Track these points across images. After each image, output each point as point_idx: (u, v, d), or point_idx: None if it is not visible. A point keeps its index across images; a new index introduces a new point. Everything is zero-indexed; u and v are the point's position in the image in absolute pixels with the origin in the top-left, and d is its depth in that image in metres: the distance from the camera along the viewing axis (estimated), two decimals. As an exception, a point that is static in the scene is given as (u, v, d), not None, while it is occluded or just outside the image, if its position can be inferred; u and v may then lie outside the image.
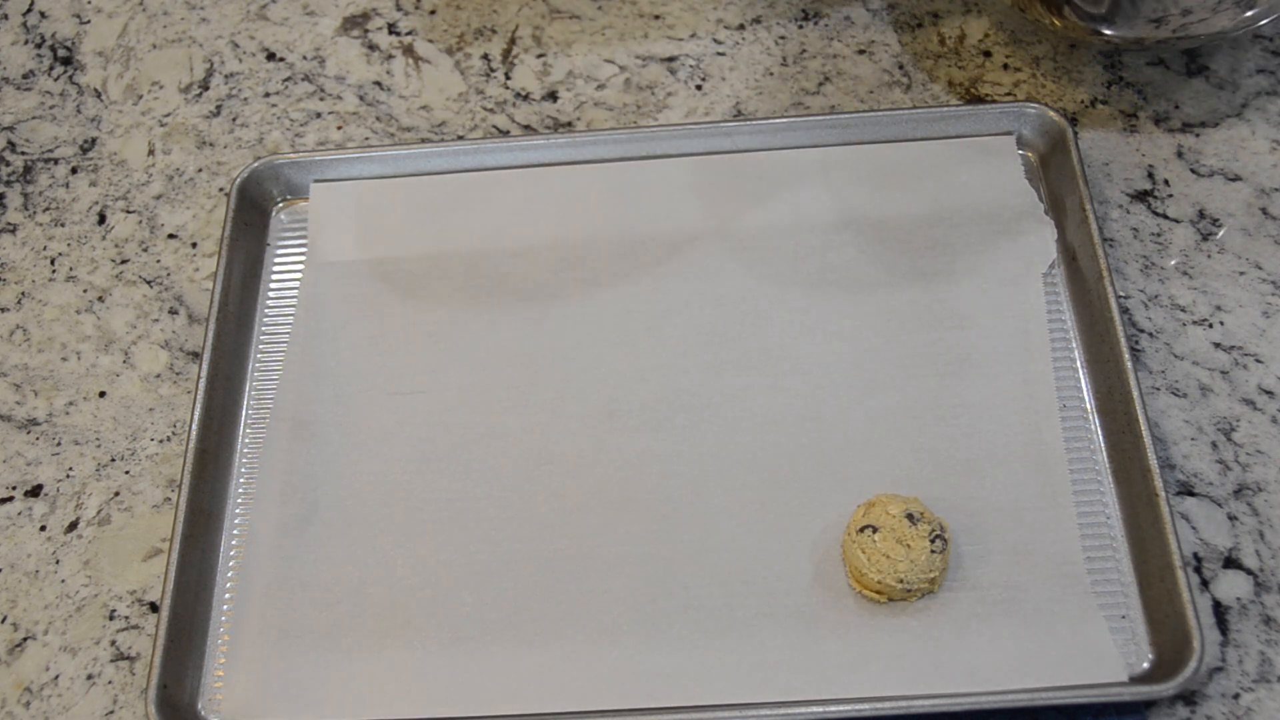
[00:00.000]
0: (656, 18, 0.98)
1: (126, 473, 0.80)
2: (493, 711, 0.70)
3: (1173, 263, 0.84)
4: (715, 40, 0.97)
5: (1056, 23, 0.85)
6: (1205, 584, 0.73)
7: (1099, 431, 0.76)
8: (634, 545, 0.74)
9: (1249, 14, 0.81)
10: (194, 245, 0.90)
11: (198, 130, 0.95)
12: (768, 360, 0.80)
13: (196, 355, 0.84)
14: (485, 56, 0.98)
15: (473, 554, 0.75)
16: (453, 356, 0.82)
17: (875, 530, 0.71)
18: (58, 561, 0.78)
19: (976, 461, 0.76)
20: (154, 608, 0.75)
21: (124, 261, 0.89)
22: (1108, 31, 0.84)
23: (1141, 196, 0.87)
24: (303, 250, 0.87)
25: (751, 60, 0.96)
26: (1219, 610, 0.72)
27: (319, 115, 0.95)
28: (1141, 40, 0.84)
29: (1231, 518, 0.74)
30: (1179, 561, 0.69)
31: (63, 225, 0.91)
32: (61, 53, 1.01)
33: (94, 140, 0.96)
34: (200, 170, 0.93)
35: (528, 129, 0.93)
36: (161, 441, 0.81)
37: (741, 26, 0.98)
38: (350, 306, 0.84)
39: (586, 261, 0.85)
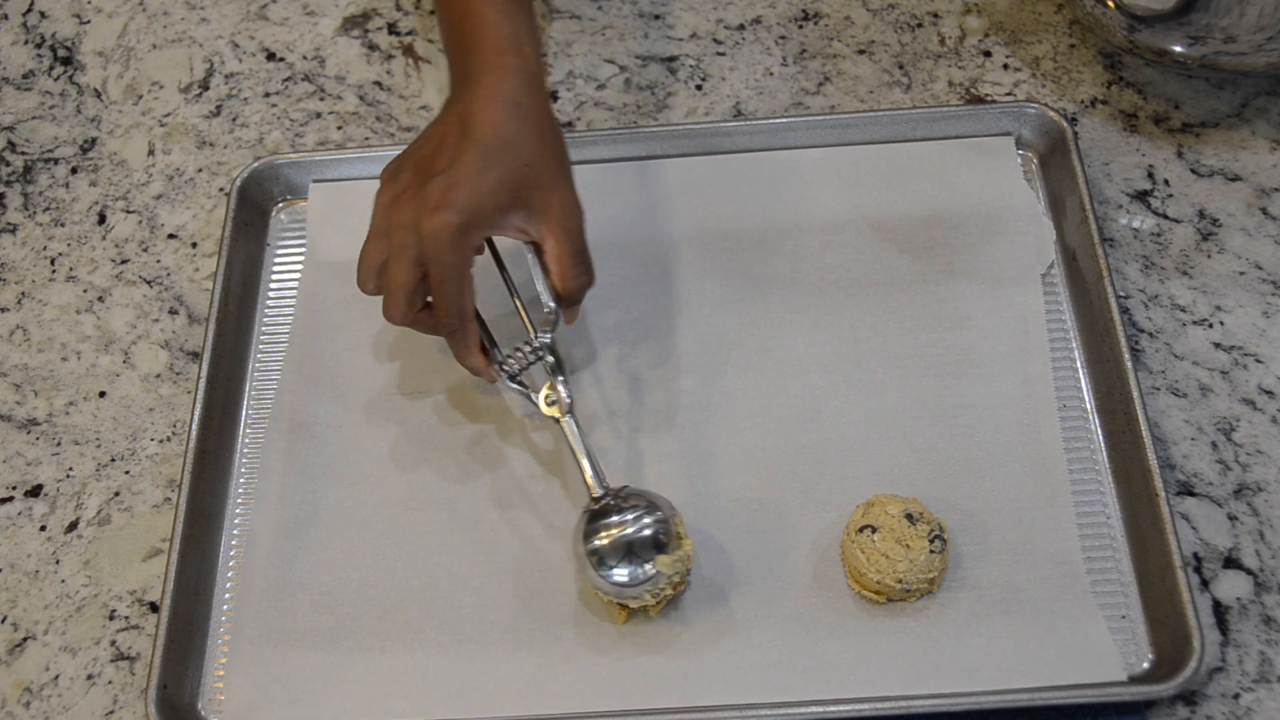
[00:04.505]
0: (656, 18, 0.98)
1: (126, 473, 0.80)
2: (493, 713, 0.70)
3: (1173, 263, 0.84)
4: (715, 40, 0.97)
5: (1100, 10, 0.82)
6: (1205, 584, 0.73)
7: (1099, 431, 0.76)
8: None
9: None
10: (194, 245, 0.90)
11: (198, 130, 0.95)
12: (768, 360, 0.80)
13: (196, 355, 0.84)
14: (485, 56, 0.97)
15: (473, 555, 0.75)
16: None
17: (874, 530, 0.71)
18: (58, 561, 0.78)
19: (976, 461, 0.76)
20: (154, 608, 0.75)
21: (124, 261, 0.89)
22: (1142, 32, 0.82)
23: (1141, 196, 0.87)
24: (302, 250, 0.87)
25: (751, 60, 0.95)
26: (1219, 610, 0.72)
27: (319, 115, 0.95)
28: (1166, 53, 0.83)
29: (1231, 518, 0.74)
30: (1179, 561, 0.69)
31: (63, 225, 0.91)
32: (61, 53, 1.01)
33: (94, 140, 0.96)
34: (200, 170, 0.93)
35: (528, 129, 0.93)
36: (161, 441, 0.81)
37: (741, 26, 0.97)
38: (350, 306, 0.84)
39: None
